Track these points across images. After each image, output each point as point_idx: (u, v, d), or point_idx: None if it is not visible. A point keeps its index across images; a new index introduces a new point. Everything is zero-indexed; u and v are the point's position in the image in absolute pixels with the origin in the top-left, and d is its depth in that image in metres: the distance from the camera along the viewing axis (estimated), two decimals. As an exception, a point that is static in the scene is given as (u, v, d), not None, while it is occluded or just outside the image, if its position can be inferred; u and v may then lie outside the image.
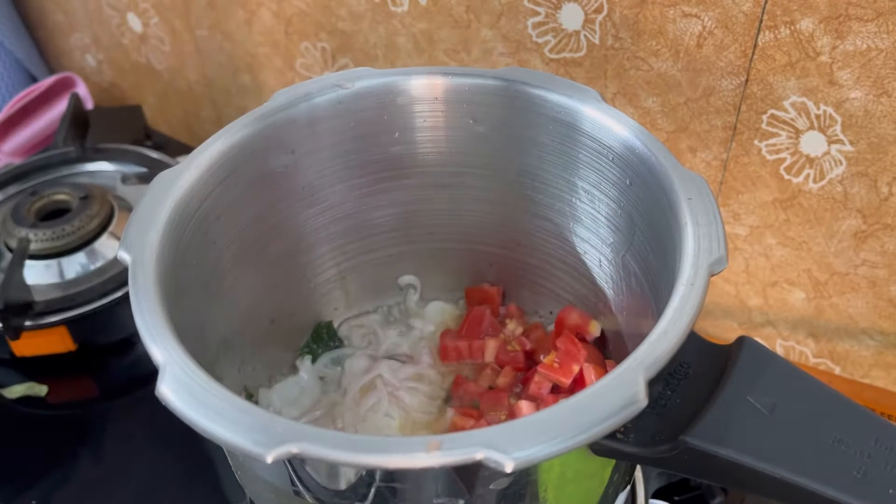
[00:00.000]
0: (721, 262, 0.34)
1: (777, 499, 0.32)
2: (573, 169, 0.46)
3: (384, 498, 0.34)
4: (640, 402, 0.29)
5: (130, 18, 0.87)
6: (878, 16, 0.46)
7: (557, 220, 0.49)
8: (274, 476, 0.37)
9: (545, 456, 0.28)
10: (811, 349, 0.62)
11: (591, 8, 0.55)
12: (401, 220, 0.52)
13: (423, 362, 0.52)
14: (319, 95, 0.45)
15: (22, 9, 0.98)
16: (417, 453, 0.28)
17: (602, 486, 0.38)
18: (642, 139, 0.41)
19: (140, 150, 0.78)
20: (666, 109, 0.57)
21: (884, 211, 0.52)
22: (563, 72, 0.60)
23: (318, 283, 0.53)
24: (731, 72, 0.53)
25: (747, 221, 0.58)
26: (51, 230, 0.66)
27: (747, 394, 0.33)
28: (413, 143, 0.49)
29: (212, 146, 0.42)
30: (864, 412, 0.33)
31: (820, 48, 0.49)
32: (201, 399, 0.30)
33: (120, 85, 0.98)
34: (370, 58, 0.69)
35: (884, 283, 0.55)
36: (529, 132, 0.46)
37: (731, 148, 0.56)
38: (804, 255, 0.57)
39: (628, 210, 0.43)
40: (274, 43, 0.76)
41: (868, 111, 0.49)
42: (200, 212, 0.41)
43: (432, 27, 0.64)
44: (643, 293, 0.43)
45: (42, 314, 0.62)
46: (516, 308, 0.54)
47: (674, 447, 0.32)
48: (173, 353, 0.32)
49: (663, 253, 0.39)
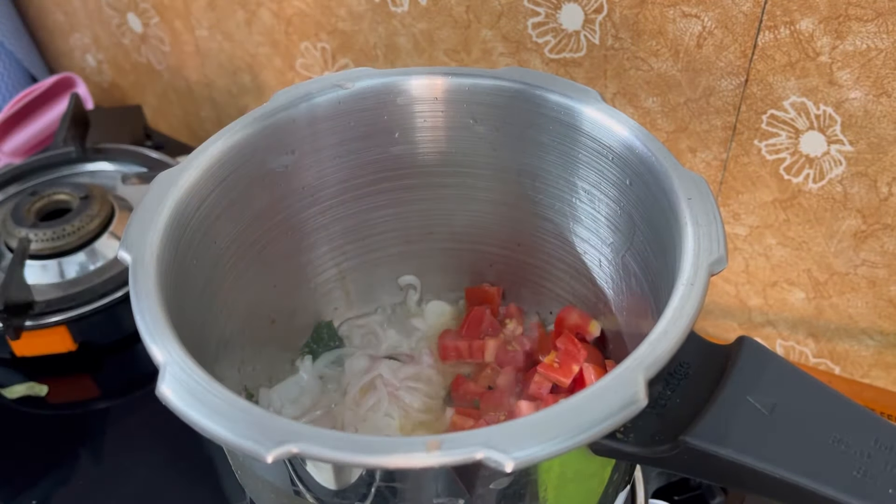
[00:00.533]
0: (721, 262, 0.34)
1: (777, 499, 0.32)
2: (573, 169, 0.46)
3: (384, 498, 0.34)
4: (640, 402, 0.29)
5: (130, 18, 0.87)
6: (877, 16, 0.46)
7: (557, 220, 0.49)
8: (274, 476, 0.37)
9: (545, 456, 0.28)
10: (811, 349, 0.62)
11: (591, 8, 0.55)
12: (401, 220, 0.52)
13: (424, 362, 0.52)
14: (319, 95, 0.45)
15: (22, 9, 0.98)
16: (417, 453, 0.28)
17: (602, 486, 0.38)
18: (642, 139, 0.41)
19: (140, 150, 0.78)
20: (666, 109, 0.57)
21: (884, 211, 0.52)
22: (563, 72, 0.60)
23: (318, 283, 0.53)
24: (730, 72, 0.53)
25: (747, 221, 0.58)
26: (51, 230, 0.66)
27: (747, 394, 0.33)
28: (413, 143, 0.49)
29: (212, 146, 0.42)
30: (864, 412, 0.33)
31: (820, 48, 0.49)
32: (201, 399, 0.30)
33: (120, 85, 0.98)
34: (370, 58, 0.69)
35: (884, 283, 0.55)
36: (529, 132, 0.46)
37: (730, 148, 0.56)
38: (804, 255, 0.57)
39: (628, 210, 0.43)
40: (274, 43, 0.76)
41: (868, 111, 0.49)
42: (200, 212, 0.41)
43: (432, 27, 0.64)
44: (643, 293, 0.43)
45: (42, 314, 0.62)
46: (516, 308, 0.54)
47: (674, 447, 0.32)
48: (173, 353, 0.32)
49: (663, 253, 0.39)
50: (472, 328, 0.52)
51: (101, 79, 0.99)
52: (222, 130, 0.43)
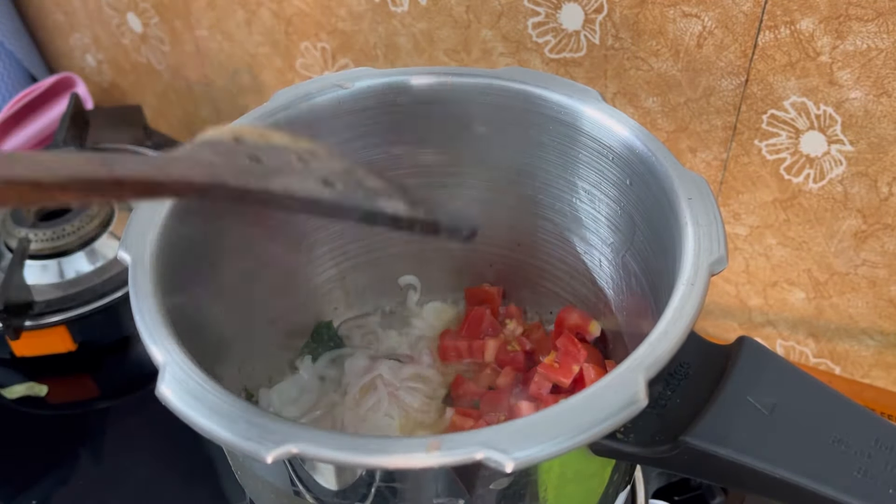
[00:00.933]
0: (721, 262, 0.34)
1: (777, 499, 0.32)
2: (573, 169, 0.46)
3: (384, 498, 0.34)
4: (640, 402, 0.29)
5: (130, 18, 0.87)
6: (878, 16, 0.46)
7: (558, 220, 0.49)
8: (274, 476, 0.37)
9: (545, 456, 0.28)
10: (811, 349, 0.62)
11: (591, 8, 0.55)
12: (401, 220, 0.52)
13: (423, 362, 0.52)
14: (319, 95, 0.45)
15: (22, 9, 0.98)
16: (417, 453, 0.28)
17: (602, 486, 0.38)
18: (642, 139, 0.41)
19: (140, 150, 0.78)
20: (666, 109, 0.57)
21: (884, 211, 0.52)
22: (563, 72, 0.60)
23: (318, 283, 0.53)
24: (731, 72, 0.53)
25: (747, 221, 0.58)
26: (51, 230, 0.66)
27: (747, 394, 0.33)
28: (413, 143, 0.49)
29: (212, 146, 0.42)
30: (864, 412, 0.33)
31: (820, 48, 0.49)
32: (201, 399, 0.30)
33: (120, 85, 0.98)
34: (370, 58, 0.69)
35: (884, 283, 0.55)
36: (530, 132, 0.46)
37: (731, 148, 0.56)
38: (804, 255, 0.57)
39: (628, 210, 0.43)
40: (274, 43, 0.76)
41: (868, 111, 0.49)
42: (200, 212, 0.41)
43: (432, 27, 0.64)
44: (643, 293, 0.43)
45: (42, 314, 0.62)
46: (516, 308, 0.54)
47: (674, 447, 0.32)
48: (173, 353, 0.32)
49: (663, 253, 0.39)
50: (472, 328, 0.52)
51: (100, 79, 0.99)
52: (222, 130, 0.43)
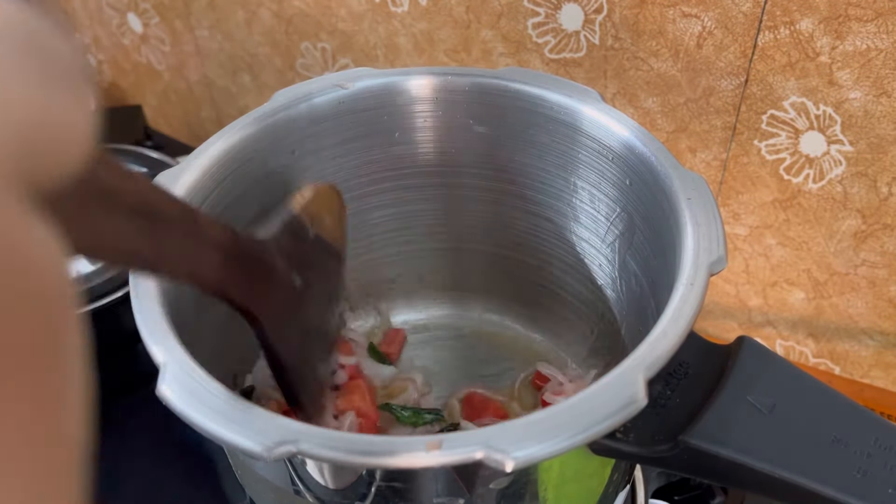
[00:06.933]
0: (721, 262, 0.34)
1: (777, 499, 0.32)
2: (573, 169, 0.46)
3: (384, 497, 0.34)
4: (639, 402, 0.29)
5: (130, 18, 0.87)
6: (877, 16, 0.46)
7: (557, 220, 0.49)
8: (274, 476, 0.37)
9: (545, 455, 0.28)
10: (811, 349, 0.62)
11: (591, 8, 0.55)
12: (401, 220, 0.52)
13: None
14: (319, 95, 0.45)
15: (22, 9, 0.98)
16: (417, 453, 0.28)
17: (602, 486, 0.38)
18: (642, 139, 0.41)
19: (140, 150, 0.78)
20: (666, 109, 0.57)
21: (883, 211, 0.52)
22: (563, 72, 0.60)
23: (318, 283, 0.53)
24: (730, 72, 0.53)
25: (747, 221, 0.58)
26: (51, 230, 0.65)
27: (747, 394, 0.33)
28: (413, 143, 0.49)
29: (212, 146, 0.42)
30: (864, 412, 0.33)
31: (820, 48, 0.49)
32: (201, 398, 0.30)
33: (120, 85, 0.98)
34: (370, 58, 0.69)
35: (884, 283, 0.55)
36: (529, 132, 0.46)
37: (730, 148, 0.56)
38: (804, 255, 0.57)
39: (628, 210, 0.43)
40: (274, 43, 0.76)
41: (868, 111, 0.49)
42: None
43: (432, 27, 0.64)
44: (643, 293, 0.43)
45: (42, 314, 0.62)
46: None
47: (673, 447, 0.32)
48: (173, 353, 0.32)
49: (663, 253, 0.39)
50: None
51: (100, 79, 0.99)
52: (222, 130, 0.43)
